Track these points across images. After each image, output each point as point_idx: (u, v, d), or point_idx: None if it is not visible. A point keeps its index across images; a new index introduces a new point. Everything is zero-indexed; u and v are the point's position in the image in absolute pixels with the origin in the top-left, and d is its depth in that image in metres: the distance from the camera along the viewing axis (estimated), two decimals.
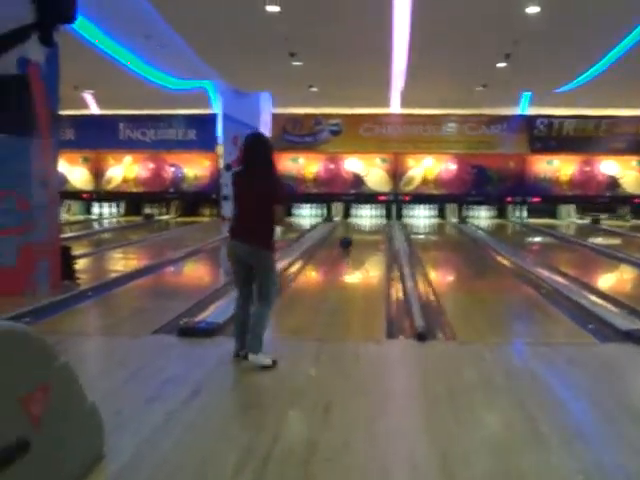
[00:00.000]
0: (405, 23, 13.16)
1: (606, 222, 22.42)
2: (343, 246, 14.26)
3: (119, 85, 19.41)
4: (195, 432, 4.17)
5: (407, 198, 23.78)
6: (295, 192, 23.13)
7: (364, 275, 12.08)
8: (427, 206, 24.27)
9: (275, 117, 23.47)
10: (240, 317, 5.71)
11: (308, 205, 24.17)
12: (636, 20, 13.07)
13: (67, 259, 9.39)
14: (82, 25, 13.08)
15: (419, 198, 23.92)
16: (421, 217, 24.13)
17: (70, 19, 8.73)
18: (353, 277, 11.83)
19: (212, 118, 23.32)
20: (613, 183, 23.68)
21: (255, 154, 5.63)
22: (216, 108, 23.21)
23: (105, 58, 15.95)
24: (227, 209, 21.58)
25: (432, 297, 8.92)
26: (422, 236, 19.94)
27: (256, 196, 5.55)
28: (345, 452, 3.88)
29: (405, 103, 22.73)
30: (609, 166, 23.68)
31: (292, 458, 3.81)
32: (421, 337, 6.47)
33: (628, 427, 4.29)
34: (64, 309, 7.98)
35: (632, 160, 23.61)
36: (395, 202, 23.77)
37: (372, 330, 7.07)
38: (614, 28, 13.52)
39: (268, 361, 5.44)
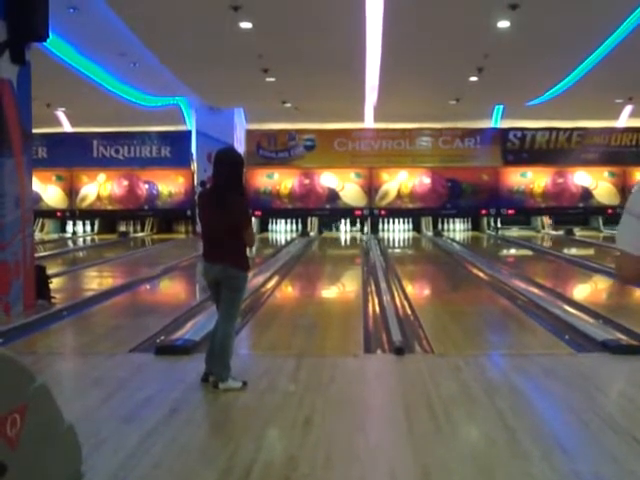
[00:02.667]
0: (377, 38, 13.26)
1: (579, 233, 22.61)
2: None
3: (92, 103, 19.35)
4: (174, 451, 4.14)
5: (383, 212, 23.84)
6: (269, 207, 23.17)
7: (341, 290, 12.09)
8: (402, 220, 24.35)
9: (249, 133, 23.51)
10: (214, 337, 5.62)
11: (283, 220, 24.17)
12: (604, 34, 13.26)
13: (42, 278, 9.31)
14: (54, 43, 13.03)
15: (394, 212, 23.99)
16: (396, 231, 24.21)
17: (42, 37, 8.70)
18: (330, 292, 11.84)
19: (186, 135, 23.29)
20: (586, 194, 23.90)
21: (220, 172, 5.46)
22: (190, 125, 23.19)
23: (78, 76, 15.90)
24: None
25: (409, 311, 8.94)
26: (398, 250, 20.01)
27: (223, 218, 5.43)
28: (325, 467, 3.88)
29: (379, 117, 22.86)
30: (582, 177, 23.90)
31: (272, 475, 3.80)
32: (399, 351, 6.47)
33: (605, 436, 4.31)
34: (39, 329, 7.90)
35: (604, 171, 23.84)
36: (370, 216, 23.82)
37: (350, 345, 7.07)
38: (583, 42, 13.71)
39: (238, 385, 5.38)
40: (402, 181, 23.85)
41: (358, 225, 24.20)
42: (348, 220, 24.41)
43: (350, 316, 8.80)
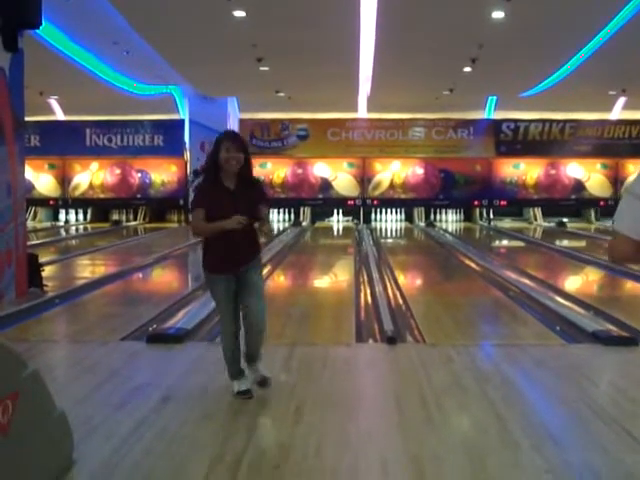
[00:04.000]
0: (371, 28, 13.23)
1: (571, 225, 22.66)
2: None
3: (85, 91, 19.27)
4: (166, 439, 4.15)
5: (375, 202, 23.85)
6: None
7: (333, 279, 12.10)
8: (395, 210, 24.36)
9: (242, 122, 23.47)
10: (238, 346, 5.05)
11: (276, 210, 24.17)
12: (598, 26, 13.26)
13: (34, 266, 9.29)
14: (47, 31, 12.98)
15: (387, 202, 24.00)
16: (389, 221, 24.22)
17: (35, 24, 8.65)
18: (322, 282, 11.85)
19: (179, 124, 23.23)
20: (578, 186, 23.95)
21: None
22: (183, 114, 23.13)
23: (71, 64, 15.83)
24: None
25: (401, 300, 8.96)
26: (390, 240, 20.02)
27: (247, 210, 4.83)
28: (316, 456, 3.89)
29: (372, 108, 22.84)
30: (574, 169, 23.95)
31: (263, 463, 3.81)
32: (390, 340, 6.49)
33: (595, 426, 4.34)
34: (31, 316, 7.89)
35: (597, 163, 23.90)
36: (363, 206, 23.84)
37: (342, 334, 7.08)
38: (577, 33, 13.71)
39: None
40: (395, 171, 23.88)
41: (351, 215, 24.19)
42: (341, 210, 24.41)
43: (342, 305, 8.82)
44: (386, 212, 24.33)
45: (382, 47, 14.43)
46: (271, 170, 23.66)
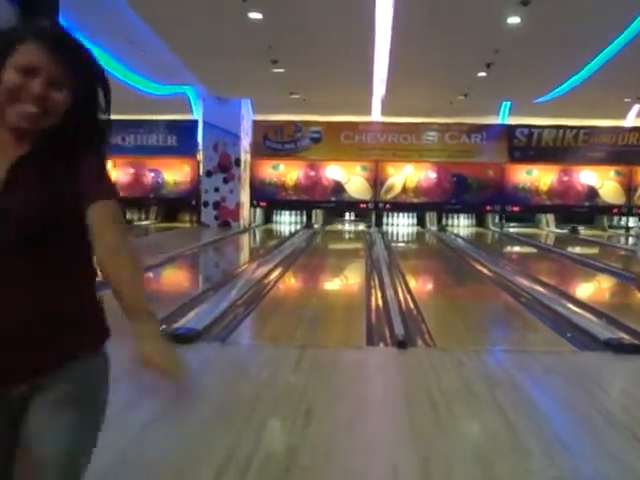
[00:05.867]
0: (387, 31, 13.22)
1: (584, 232, 22.58)
2: None
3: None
4: (174, 439, 4.15)
5: (387, 206, 23.83)
6: (274, 198, 23.29)
7: (344, 282, 12.10)
8: (407, 214, 24.32)
9: (256, 124, 23.49)
10: None
11: (288, 212, 24.18)
12: (613, 33, 13.21)
13: None
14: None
15: (399, 206, 23.98)
16: (401, 225, 24.20)
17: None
18: (333, 284, 11.85)
19: (193, 124, 23.27)
20: (592, 193, 23.86)
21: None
22: (197, 114, 23.17)
23: None
24: (207, 216, 21.60)
25: (412, 304, 8.94)
26: (402, 244, 20.00)
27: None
28: (325, 459, 3.88)
29: (386, 111, 22.80)
30: (588, 176, 23.86)
31: (272, 465, 3.81)
32: (401, 344, 6.48)
33: (606, 434, 4.31)
34: None
35: (610, 170, 23.80)
36: (375, 210, 23.82)
37: (352, 337, 7.07)
38: (593, 40, 13.66)
39: None
40: (408, 175, 23.85)
41: (362, 218, 24.18)
42: (353, 213, 24.40)
43: (353, 309, 8.80)
44: (398, 216, 24.30)
45: (397, 50, 14.41)
46: (284, 172, 23.67)
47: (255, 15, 12.23)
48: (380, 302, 9.02)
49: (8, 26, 1.99)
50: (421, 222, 24.08)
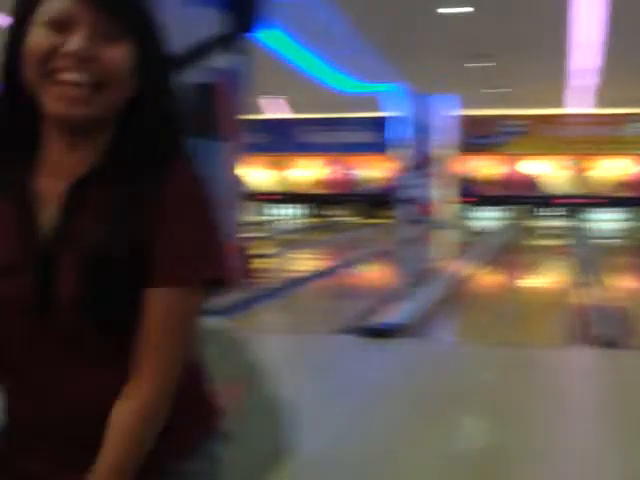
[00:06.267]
0: (601, 18, 12.62)
1: None
2: None
3: (307, 89, 19.79)
4: (378, 432, 4.24)
5: (601, 202, 22.85)
6: (472, 194, 23.09)
7: (545, 279, 11.81)
8: (617, 209, 23.15)
9: (458, 119, 23.26)
10: None
11: (487, 208, 23.84)
12: None
13: (244, 258, 9.73)
14: (270, 35, 13.53)
15: (609, 201, 22.88)
16: (609, 220, 23.07)
17: (259, 30, 9.07)
18: (533, 281, 11.60)
19: (392, 121, 23.43)
20: None
21: None
22: (392, 111, 23.18)
23: (290, 66, 16.47)
24: (404, 212, 21.68)
25: (620, 304, 8.56)
26: (608, 240, 19.16)
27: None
28: (527, 460, 3.85)
29: (599, 102, 21.71)
30: None
31: (468, 464, 3.82)
32: (610, 344, 6.22)
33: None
34: (248, 307, 8.27)
35: None
36: (578, 205, 22.97)
37: (554, 336, 6.92)
38: None
39: None
40: (615, 169, 22.82)
41: (564, 214, 23.36)
42: (554, 209, 23.65)
43: (555, 306, 8.59)
44: (606, 211, 23.16)
45: (614, 40, 13.66)
46: (483, 167, 23.37)
47: (465, 9, 12.11)
48: (584, 300, 8.71)
49: None
50: (638, 218, 22.76)
